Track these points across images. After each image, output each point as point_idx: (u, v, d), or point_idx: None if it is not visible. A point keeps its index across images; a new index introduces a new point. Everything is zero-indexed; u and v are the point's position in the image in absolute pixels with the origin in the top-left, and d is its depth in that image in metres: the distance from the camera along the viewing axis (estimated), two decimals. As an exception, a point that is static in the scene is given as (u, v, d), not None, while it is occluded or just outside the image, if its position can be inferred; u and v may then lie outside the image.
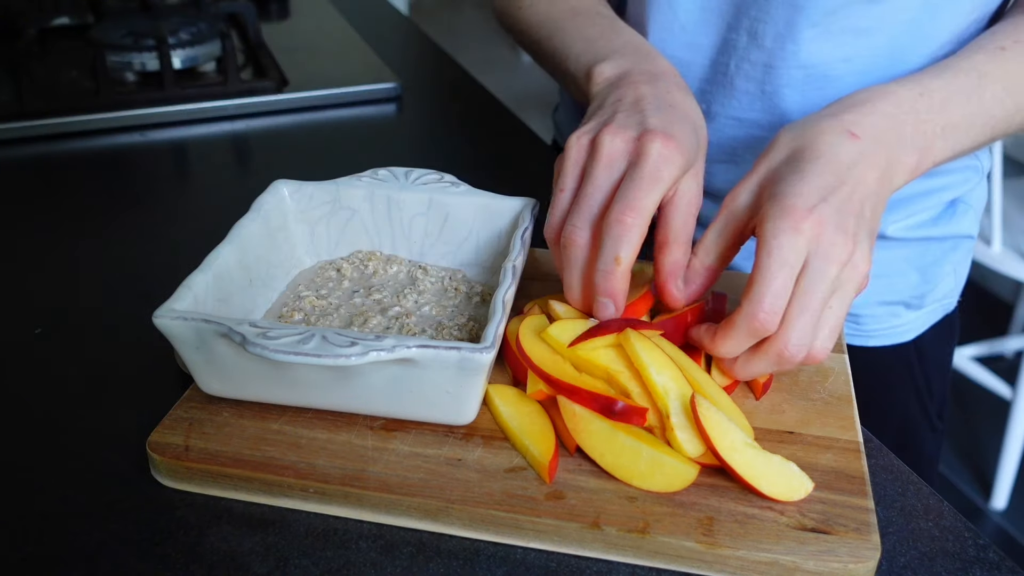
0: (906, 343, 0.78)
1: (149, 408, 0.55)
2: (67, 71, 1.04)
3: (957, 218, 0.75)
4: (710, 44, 0.68)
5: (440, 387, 0.49)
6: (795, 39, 0.64)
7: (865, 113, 0.53)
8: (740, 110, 0.69)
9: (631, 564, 0.47)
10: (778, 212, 0.49)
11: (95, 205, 0.81)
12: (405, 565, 0.46)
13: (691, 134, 0.56)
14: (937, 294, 0.77)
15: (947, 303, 0.80)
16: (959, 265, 0.78)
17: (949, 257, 0.77)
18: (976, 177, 0.75)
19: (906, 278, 0.75)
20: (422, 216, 0.64)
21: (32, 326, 0.64)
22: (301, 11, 1.31)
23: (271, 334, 0.47)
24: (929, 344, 0.79)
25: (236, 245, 0.57)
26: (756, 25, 0.65)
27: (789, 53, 0.65)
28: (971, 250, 0.80)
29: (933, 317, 0.79)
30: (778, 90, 0.67)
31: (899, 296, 0.76)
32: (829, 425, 0.53)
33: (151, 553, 0.47)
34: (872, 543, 0.45)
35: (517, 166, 0.93)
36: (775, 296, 0.48)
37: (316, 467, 0.49)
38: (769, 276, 0.48)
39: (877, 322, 0.76)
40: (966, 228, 0.76)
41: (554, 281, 0.65)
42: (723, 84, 0.69)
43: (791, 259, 0.48)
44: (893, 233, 0.72)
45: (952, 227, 0.75)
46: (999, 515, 1.86)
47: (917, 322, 0.78)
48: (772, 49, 0.65)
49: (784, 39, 0.65)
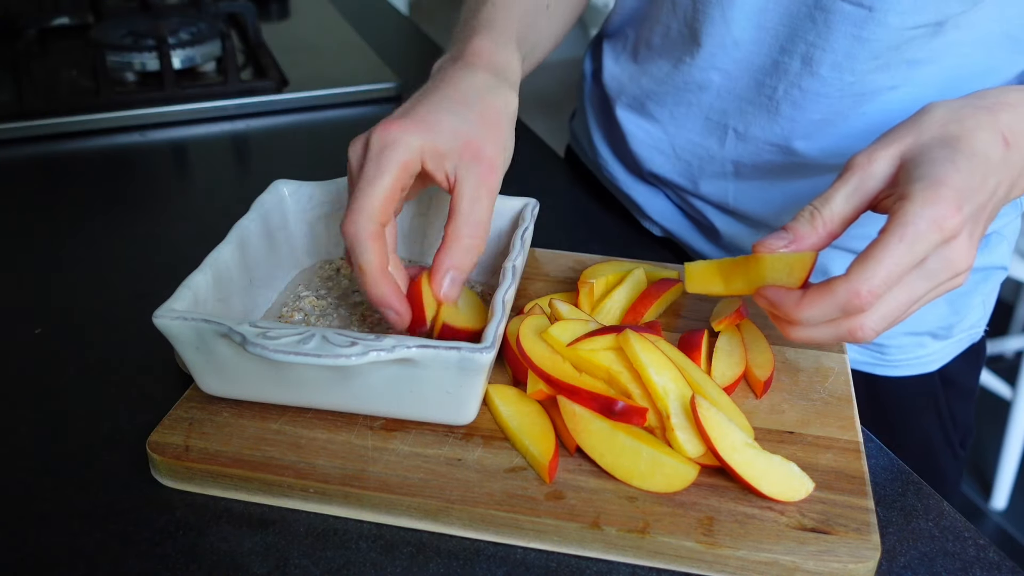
0: (931, 373, 0.76)
1: (149, 408, 0.55)
2: (67, 71, 1.04)
3: (991, 249, 0.73)
4: (760, 65, 0.65)
5: (440, 387, 0.49)
6: (853, 71, 0.62)
7: (1018, 118, 0.50)
8: (780, 136, 0.67)
9: (631, 564, 0.47)
10: (927, 199, 0.46)
11: (95, 205, 0.81)
12: (405, 565, 0.46)
13: (444, 110, 0.54)
14: (965, 324, 0.75)
15: (974, 332, 0.77)
16: (988, 296, 0.76)
17: (979, 288, 0.75)
18: (1015, 212, 0.73)
19: (935, 309, 0.73)
20: (422, 216, 0.64)
21: (32, 326, 0.64)
22: (301, 11, 1.31)
23: (271, 334, 0.47)
24: (955, 373, 0.77)
25: (236, 245, 0.57)
26: (812, 51, 0.62)
27: (846, 84, 0.62)
28: (1001, 280, 0.77)
29: (959, 347, 0.77)
30: (828, 119, 0.65)
31: (927, 327, 0.74)
32: (829, 425, 0.53)
33: (151, 553, 0.47)
34: (872, 543, 0.45)
35: (517, 167, 0.92)
36: (888, 280, 0.46)
37: (316, 467, 0.49)
38: (892, 258, 0.45)
39: (903, 352, 0.74)
40: (998, 259, 0.74)
41: (554, 281, 0.65)
42: (767, 108, 0.66)
43: (920, 250, 0.46)
44: None
45: (984, 259, 0.73)
46: (999, 515, 1.86)
47: (943, 352, 0.76)
48: (828, 78, 0.62)
49: (842, 69, 0.62)
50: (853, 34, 0.60)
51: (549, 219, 0.69)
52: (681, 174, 0.74)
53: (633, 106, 0.75)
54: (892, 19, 0.58)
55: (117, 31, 1.05)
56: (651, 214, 0.79)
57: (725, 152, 0.70)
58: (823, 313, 0.48)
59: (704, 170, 0.72)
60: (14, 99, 0.96)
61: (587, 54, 0.85)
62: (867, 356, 0.74)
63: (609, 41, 0.79)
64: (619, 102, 0.76)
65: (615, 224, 0.81)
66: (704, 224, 0.76)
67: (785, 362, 0.58)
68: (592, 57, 0.84)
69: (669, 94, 0.71)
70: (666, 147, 0.73)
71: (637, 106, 0.74)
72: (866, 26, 0.59)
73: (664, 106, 0.72)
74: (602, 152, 0.81)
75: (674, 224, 0.79)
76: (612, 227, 0.80)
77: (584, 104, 0.86)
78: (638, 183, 0.79)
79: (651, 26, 0.71)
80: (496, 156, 0.55)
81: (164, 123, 0.96)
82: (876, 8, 0.58)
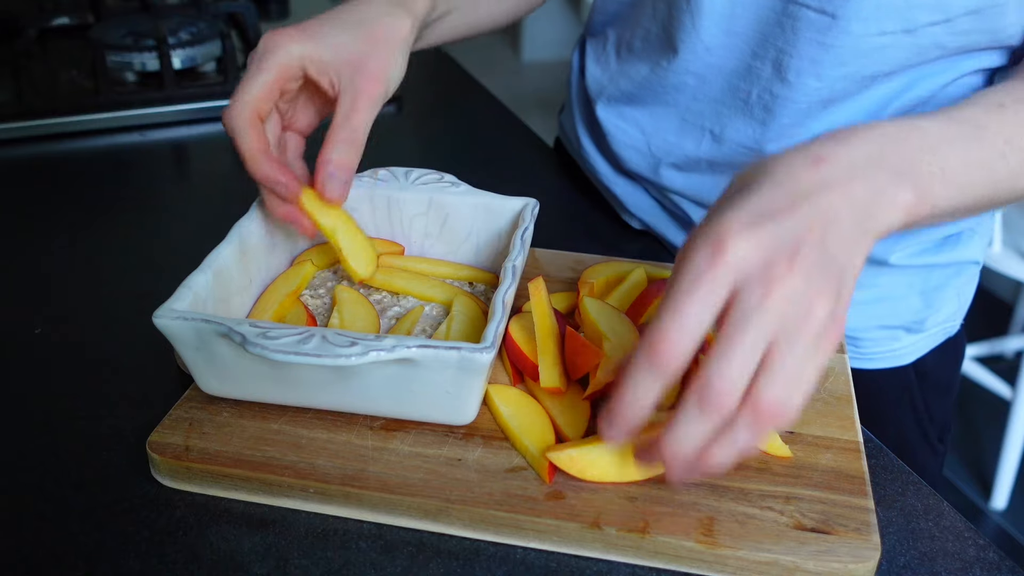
0: (905, 366, 0.77)
1: (149, 408, 0.55)
2: (67, 71, 1.04)
3: (962, 245, 0.73)
4: (732, 69, 0.66)
5: (440, 387, 0.49)
6: (819, 76, 0.62)
7: (840, 140, 0.45)
8: (752, 140, 0.67)
9: (631, 564, 0.47)
10: (697, 233, 0.41)
11: (95, 205, 0.81)
12: (405, 565, 0.46)
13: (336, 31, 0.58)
14: (939, 318, 0.76)
15: (949, 326, 0.78)
16: (963, 288, 0.76)
17: (952, 282, 0.75)
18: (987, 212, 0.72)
19: (907, 302, 0.73)
20: (422, 216, 0.64)
21: (32, 326, 0.64)
22: (301, 11, 1.31)
23: (271, 334, 0.47)
24: (930, 367, 0.77)
25: (236, 245, 0.57)
26: (781, 57, 0.62)
27: (812, 90, 0.62)
28: (976, 274, 0.77)
29: (934, 340, 0.77)
30: (798, 123, 0.65)
31: (900, 320, 0.74)
32: (829, 425, 0.53)
33: (151, 553, 0.47)
34: (872, 543, 0.45)
35: (517, 166, 0.93)
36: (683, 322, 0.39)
37: (316, 467, 0.49)
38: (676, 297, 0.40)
39: (876, 345, 0.75)
40: (971, 254, 0.74)
41: (554, 281, 0.65)
42: (742, 112, 0.67)
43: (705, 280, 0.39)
44: (896, 261, 0.70)
45: (956, 254, 0.73)
46: (999, 515, 1.86)
47: (917, 345, 0.76)
48: (796, 84, 0.63)
49: (809, 75, 0.62)
50: (818, 40, 0.60)
51: (550, 217, 0.69)
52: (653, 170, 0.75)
53: (612, 106, 0.76)
54: (855, 27, 0.59)
55: (117, 31, 1.05)
56: (630, 208, 0.80)
57: (700, 152, 0.70)
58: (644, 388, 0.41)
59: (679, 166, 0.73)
60: (14, 99, 0.96)
61: (575, 50, 0.86)
62: None
63: (590, 41, 0.79)
64: (599, 101, 0.77)
65: (602, 217, 0.82)
66: (681, 217, 0.77)
67: (785, 362, 0.58)
68: (580, 53, 0.85)
69: (647, 95, 0.72)
70: (643, 146, 0.74)
71: (616, 106, 0.75)
72: (830, 32, 0.59)
73: (642, 107, 0.73)
74: (586, 146, 0.82)
75: (652, 217, 0.80)
76: (599, 220, 0.81)
77: (571, 99, 0.87)
78: (619, 177, 0.80)
79: (632, 29, 0.72)
80: (380, 71, 0.59)
81: (164, 123, 0.96)
82: (839, 16, 0.59)
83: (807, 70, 0.62)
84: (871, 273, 0.71)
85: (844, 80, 0.62)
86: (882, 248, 0.69)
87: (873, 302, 0.72)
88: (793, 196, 0.41)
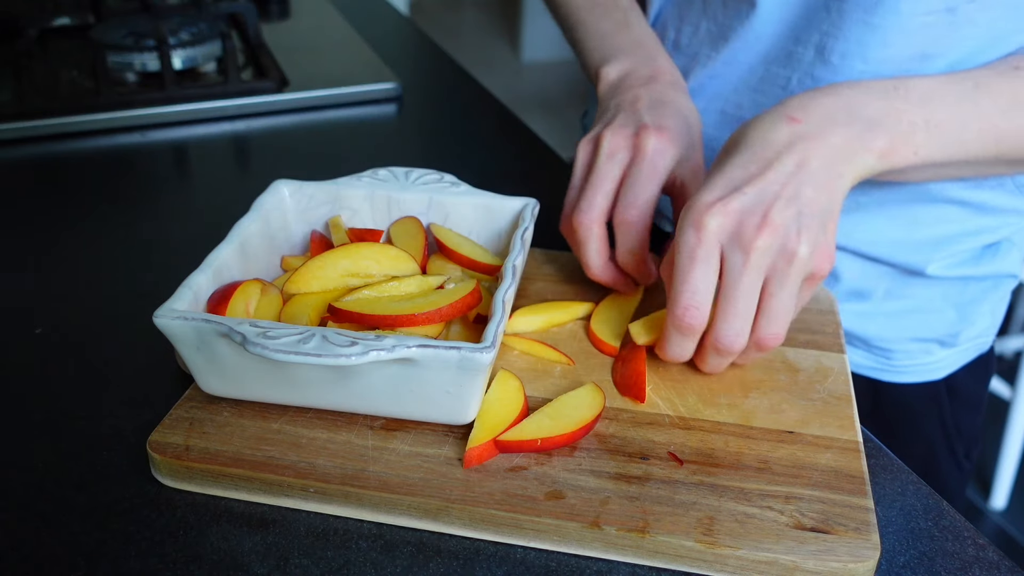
0: (936, 381, 0.76)
1: (149, 408, 0.56)
2: (67, 71, 1.04)
3: (1000, 257, 0.72)
4: (775, 57, 0.66)
5: (440, 387, 0.49)
6: (865, 58, 0.62)
7: (813, 96, 0.52)
8: None
9: (631, 564, 0.47)
10: (684, 211, 0.50)
11: (95, 205, 0.81)
12: (405, 565, 0.46)
13: (684, 128, 0.61)
14: (972, 332, 0.75)
15: (981, 342, 0.77)
16: (997, 305, 0.76)
17: (988, 296, 0.74)
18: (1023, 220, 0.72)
19: (942, 315, 0.72)
20: (422, 216, 0.64)
21: (32, 326, 0.64)
22: (301, 11, 1.31)
23: (271, 334, 0.47)
24: (961, 383, 0.77)
25: (236, 245, 0.57)
26: (825, 40, 0.63)
27: (857, 73, 0.62)
28: (1010, 290, 0.76)
29: (967, 356, 0.76)
30: None
31: (934, 333, 0.73)
32: (829, 425, 0.53)
33: (151, 553, 0.47)
34: (872, 543, 0.45)
35: (517, 166, 0.93)
36: (692, 292, 0.50)
37: (316, 467, 0.49)
38: (680, 274, 0.50)
39: (909, 358, 0.74)
40: (1008, 267, 0.73)
41: (554, 281, 0.65)
42: (780, 99, 0.65)
43: (699, 254, 0.49)
44: (933, 272, 0.69)
45: (994, 266, 0.72)
46: (999, 515, 1.86)
47: (949, 360, 0.75)
48: (839, 67, 0.63)
49: (854, 57, 0.62)
50: (865, 20, 0.61)
51: (550, 217, 0.69)
52: None
53: None
54: (904, 5, 0.59)
55: (117, 31, 1.05)
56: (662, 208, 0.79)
57: None
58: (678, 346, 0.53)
59: None
60: (14, 99, 0.96)
61: None
62: (872, 361, 0.74)
63: None
64: None
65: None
66: None
67: (785, 362, 0.58)
68: None
69: (691, 90, 0.72)
70: None
71: None
72: (877, 12, 0.60)
73: None
74: None
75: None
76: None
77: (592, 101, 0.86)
78: None
79: (678, 26, 0.73)
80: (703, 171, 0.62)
81: (164, 123, 0.96)
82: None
83: (853, 52, 0.62)
84: (906, 283, 0.71)
85: (888, 63, 0.62)
86: (920, 258, 0.69)
87: (907, 313, 0.72)
88: (765, 160, 0.50)
